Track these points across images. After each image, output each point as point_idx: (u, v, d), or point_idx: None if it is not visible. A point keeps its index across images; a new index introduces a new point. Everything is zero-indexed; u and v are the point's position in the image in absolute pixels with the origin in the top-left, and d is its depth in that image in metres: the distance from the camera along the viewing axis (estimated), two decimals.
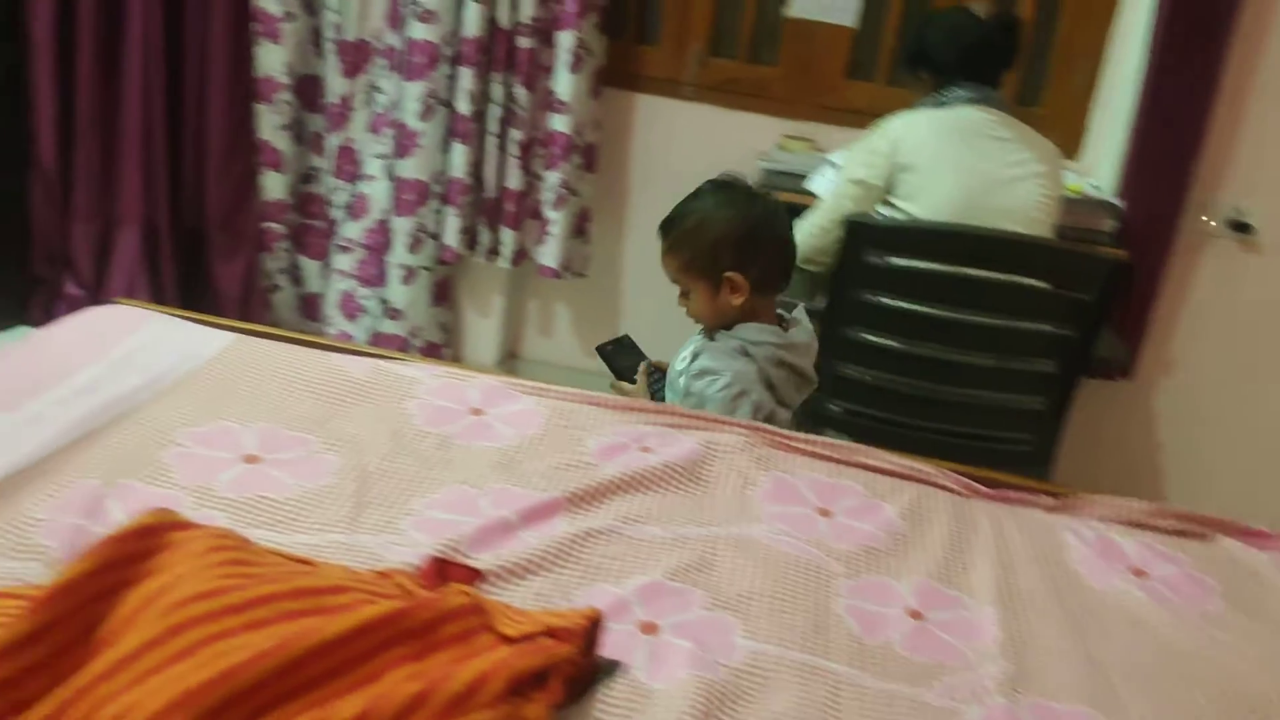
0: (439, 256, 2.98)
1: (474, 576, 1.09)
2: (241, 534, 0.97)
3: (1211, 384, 2.90)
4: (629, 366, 1.88)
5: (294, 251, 3.07)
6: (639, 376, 1.85)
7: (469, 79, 2.76)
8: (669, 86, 3.02)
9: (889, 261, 2.03)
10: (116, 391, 1.41)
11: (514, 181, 2.89)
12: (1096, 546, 1.43)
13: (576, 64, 2.78)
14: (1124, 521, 1.51)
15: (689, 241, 1.70)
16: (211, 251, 3.02)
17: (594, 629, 0.85)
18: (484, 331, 3.21)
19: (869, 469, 1.52)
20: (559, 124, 2.84)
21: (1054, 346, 2.10)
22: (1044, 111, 2.88)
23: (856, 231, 2.04)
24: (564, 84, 2.80)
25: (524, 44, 2.76)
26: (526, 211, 2.96)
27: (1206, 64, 2.52)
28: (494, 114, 2.83)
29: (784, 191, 2.66)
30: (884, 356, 2.09)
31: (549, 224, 2.95)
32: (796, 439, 1.56)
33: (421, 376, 1.59)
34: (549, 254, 2.97)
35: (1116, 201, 2.64)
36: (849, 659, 1.14)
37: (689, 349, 1.76)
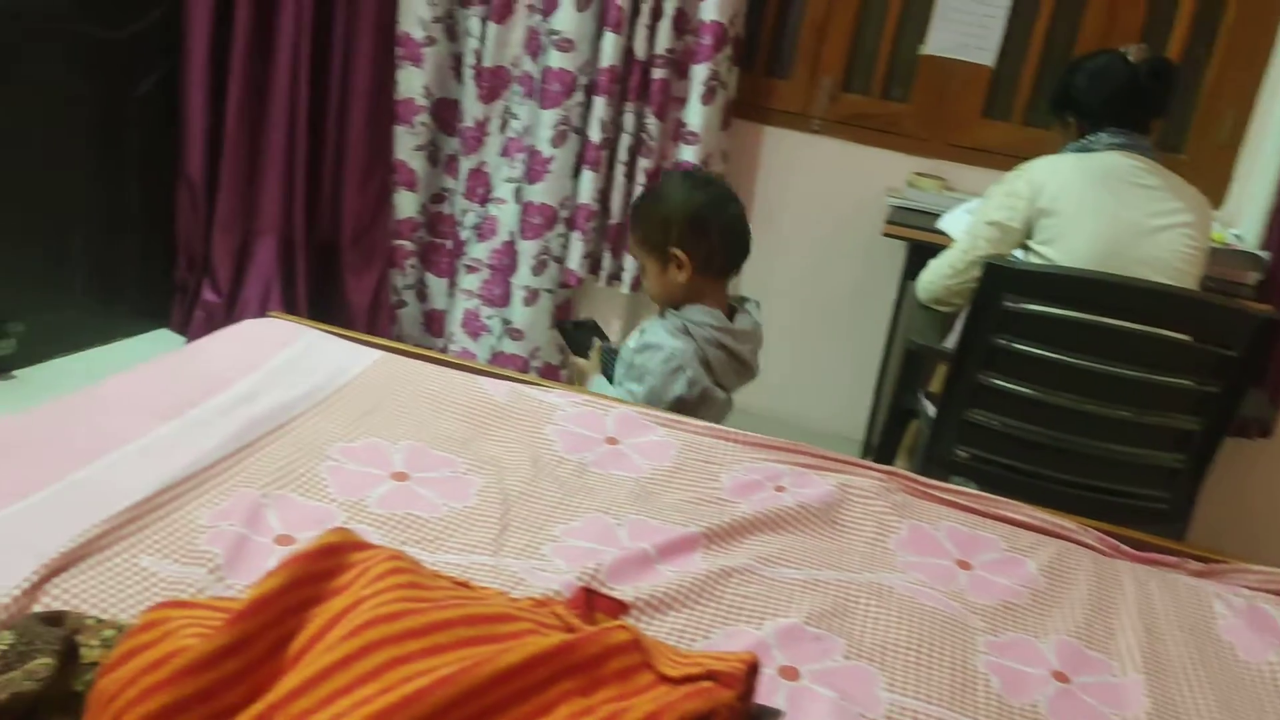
0: (562, 280, 3.02)
1: (621, 609, 1.10)
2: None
3: None
4: (586, 345, 1.98)
5: (422, 269, 3.15)
6: (592, 353, 1.97)
7: (602, 108, 2.80)
8: (798, 120, 3.02)
9: (1026, 307, 1.99)
10: (273, 403, 1.46)
11: None
12: (1247, 616, 1.38)
13: (709, 96, 2.80)
14: (1275, 591, 1.45)
15: (644, 217, 1.86)
16: (343, 265, 3.12)
17: (752, 674, 0.84)
18: None
19: (1009, 521, 1.49)
20: (688, 154, 2.86)
21: (1196, 402, 2.03)
22: (1187, 158, 2.81)
23: (995, 274, 2.00)
24: (695, 115, 2.82)
25: (658, 75, 2.80)
26: None
27: None
28: (624, 143, 2.87)
29: (913, 229, 2.63)
30: (1016, 403, 2.04)
31: None
32: (934, 486, 1.54)
33: (560, 403, 1.61)
34: None
35: (1262, 254, 2.55)
36: (994, 719, 1.11)
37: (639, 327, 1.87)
